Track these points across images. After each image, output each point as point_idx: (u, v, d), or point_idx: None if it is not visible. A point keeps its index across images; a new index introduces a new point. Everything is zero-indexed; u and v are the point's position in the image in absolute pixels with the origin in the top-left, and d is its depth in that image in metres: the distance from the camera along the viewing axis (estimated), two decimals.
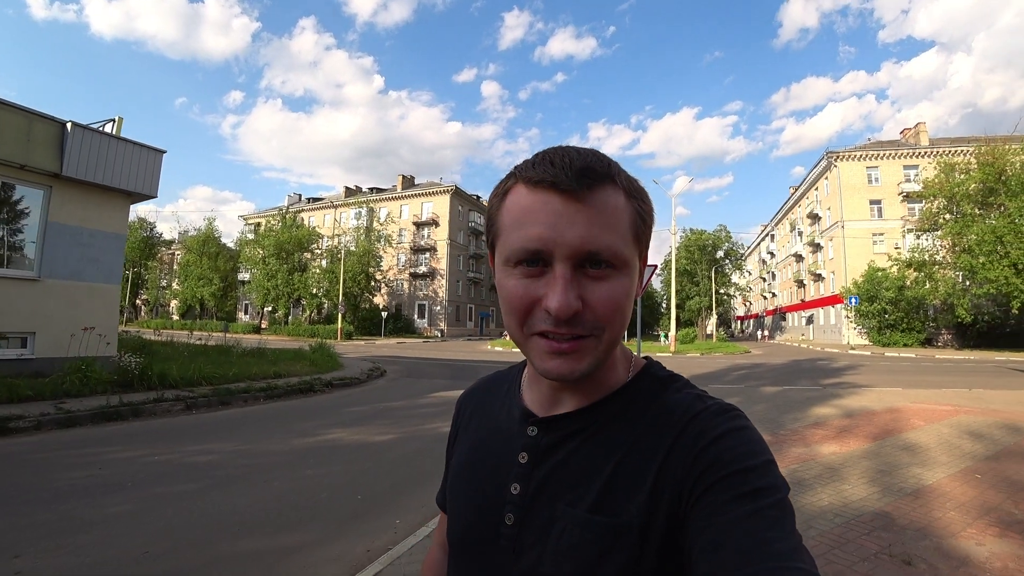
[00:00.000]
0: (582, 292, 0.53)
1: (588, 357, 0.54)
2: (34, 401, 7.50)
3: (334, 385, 11.27)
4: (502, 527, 0.61)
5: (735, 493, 0.49)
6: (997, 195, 27.67)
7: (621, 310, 0.55)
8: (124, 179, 10.52)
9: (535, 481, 0.61)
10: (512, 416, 0.68)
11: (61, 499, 4.04)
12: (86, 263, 10.12)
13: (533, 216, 0.54)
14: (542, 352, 0.55)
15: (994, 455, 5.27)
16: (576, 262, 0.53)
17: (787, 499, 0.50)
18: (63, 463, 5.11)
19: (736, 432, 0.54)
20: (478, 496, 0.66)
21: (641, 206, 0.58)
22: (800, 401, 9.30)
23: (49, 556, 3.11)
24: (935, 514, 3.75)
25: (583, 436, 0.61)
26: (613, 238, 0.54)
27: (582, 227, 0.52)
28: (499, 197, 0.59)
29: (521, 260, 0.55)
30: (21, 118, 9.20)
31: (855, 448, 5.72)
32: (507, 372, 0.77)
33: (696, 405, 0.58)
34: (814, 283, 49.20)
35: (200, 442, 6.17)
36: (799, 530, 0.48)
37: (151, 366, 9.31)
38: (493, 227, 0.59)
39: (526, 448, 0.63)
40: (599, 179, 0.54)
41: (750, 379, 13.70)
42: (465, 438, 0.75)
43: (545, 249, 0.53)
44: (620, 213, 0.55)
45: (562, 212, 0.53)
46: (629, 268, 0.56)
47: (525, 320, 0.55)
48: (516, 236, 0.55)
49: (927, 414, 7.64)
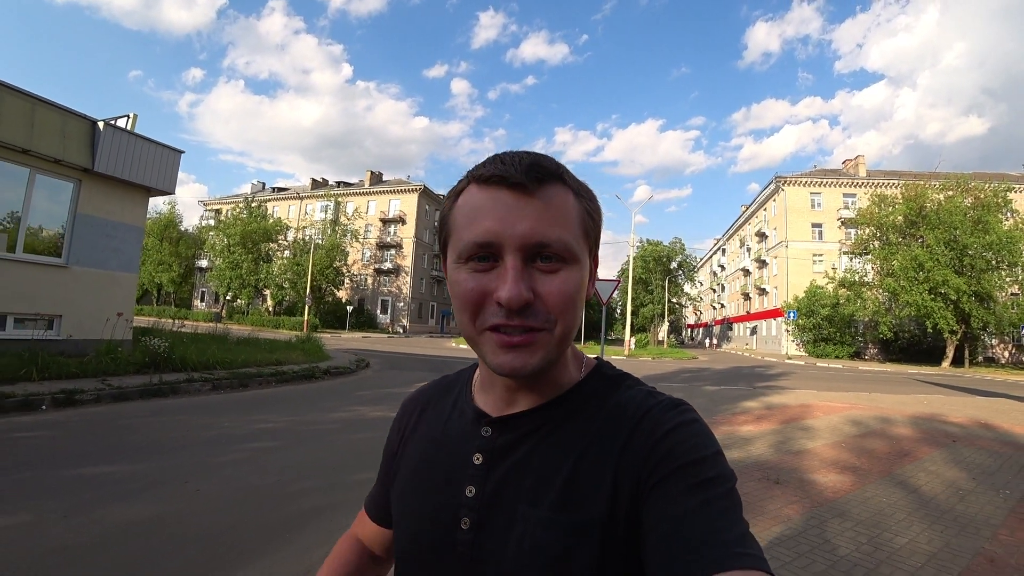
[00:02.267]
0: (533, 284, 0.54)
1: (540, 351, 0.55)
2: (79, 378, 8.45)
3: (331, 373, 12.47)
4: (457, 533, 0.59)
5: (687, 484, 0.50)
6: (918, 227, 31.08)
7: (572, 303, 0.56)
8: (146, 175, 11.45)
9: (491, 483, 0.60)
10: (464, 418, 0.67)
11: (188, 450, 5.23)
12: (109, 253, 11.02)
13: (484, 212, 0.55)
14: (494, 347, 0.55)
15: (861, 434, 7.14)
16: (526, 254, 0.54)
17: (735, 489, 0.51)
18: (158, 426, 6.28)
19: (686, 425, 0.55)
20: (429, 502, 0.64)
21: (590, 205, 0.60)
22: (733, 398, 11.20)
23: (211, 483, 4.32)
24: (804, 463, 5.48)
25: (539, 435, 0.61)
26: (562, 231, 0.55)
27: (532, 220, 0.54)
28: (452, 199, 0.60)
29: (472, 255, 0.55)
30: (57, 115, 10.06)
31: (766, 428, 7.50)
32: (455, 376, 0.77)
33: (648, 401, 0.60)
34: (759, 296, 52.77)
35: (252, 414, 7.37)
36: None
37: (174, 350, 10.36)
38: (445, 227, 0.60)
39: (480, 449, 0.62)
40: (548, 176, 0.55)
41: (695, 381, 15.63)
42: (412, 445, 0.72)
43: (495, 242, 0.54)
44: (569, 209, 0.57)
45: (512, 206, 0.54)
46: (579, 263, 0.57)
47: (477, 315, 0.55)
48: (467, 232, 0.55)
49: (828, 409, 9.60)
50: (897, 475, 5.10)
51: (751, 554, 0.46)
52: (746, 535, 0.48)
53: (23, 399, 6.68)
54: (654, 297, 53.50)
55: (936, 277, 28.68)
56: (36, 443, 5.26)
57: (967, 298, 28.42)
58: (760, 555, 0.46)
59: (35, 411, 6.64)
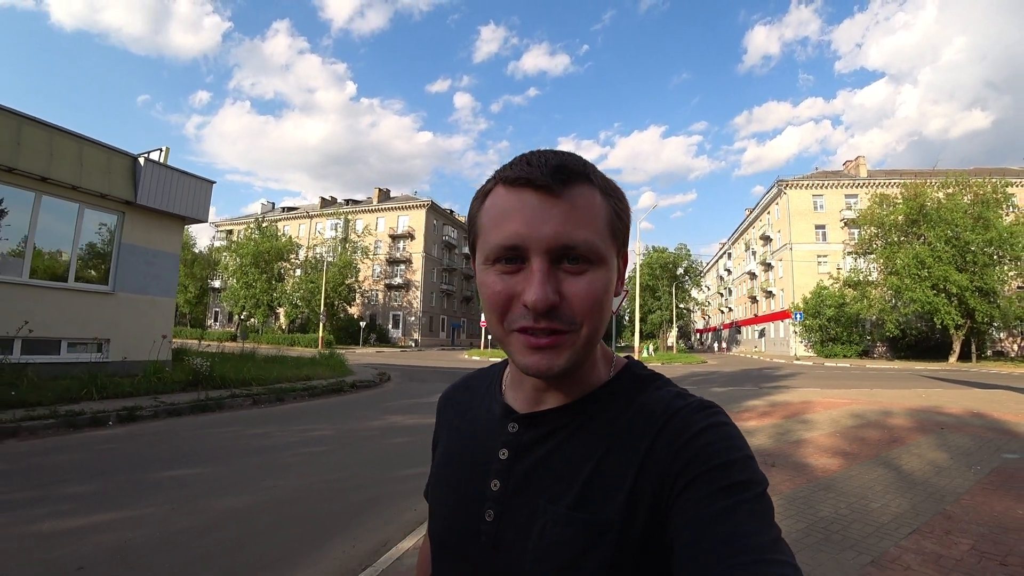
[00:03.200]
0: (560, 286, 0.54)
1: (566, 352, 0.55)
2: (133, 396, 9.18)
3: (357, 387, 13.16)
4: (482, 523, 0.62)
5: (716, 487, 0.50)
6: (919, 225, 31.58)
7: (599, 304, 0.56)
8: (181, 206, 12.29)
9: (515, 477, 0.62)
10: (493, 413, 0.69)
11: (251, 455, 5.92)
12: (150, 279, 11.82)
13: (510, 214, 0.55)
14: (522, 348, 0.56)
15: (858, 425, 7.73)
16: (552, 256, 0.54)
17: (766, 493, 0.51)
18: (217, 437, 6.99)
19: (716, 428, 0.55)
20: (458, 492, 0.66)
21: (617, 204, 0.60)
22: (739, 397, 11.79)
23: (282, 481, 4.99)
24: (801, 450, 6.09)
25: (564, 433, 0.61)
26: (589, 233, 0.55)
27: (557, 222, 0.54)
28: (480, 199, 0.60)
29: (499, 257, 0.56)
30: (102, 153, 10.91)
31: (767, 422, 8.11)
32: (488, 370, 0.78)
33: (677, 402, 0.59)
34: (766, 299, 53.16)
35: (295, 425, 8.06)
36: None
37: (214, 368, 11.10)
38: (473, 228, 0.61)
39: (507, 444, 0.64)
40: (574, 176, 0.56)
41: (703, 383, 16.19)
42: (446, 435, 0.76)
43: (522, 244, 0.54)
44: (596, 210, 0.57)
45: (538, 208, 0.54)
46: (607, 264, 0.57)
47: (505, 316, 0.56)
48: (494, 234, 0.56)
49: (829, 404, 10.17)
50: (883, 457, 5.71)
51: (783, 560, 0.45)
52: (779, 540, 0.47)
53: (92, 416, 7.41)
54: (662, 303, 54.01)
55: (938, 274, 29.13)
56: (117, 453, 5.97)
57: (970, 293, 28.83)
58: (792, 562, 0.45)
59: (103, 427, 7.35)
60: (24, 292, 9.65)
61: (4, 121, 9.35)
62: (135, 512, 3.99)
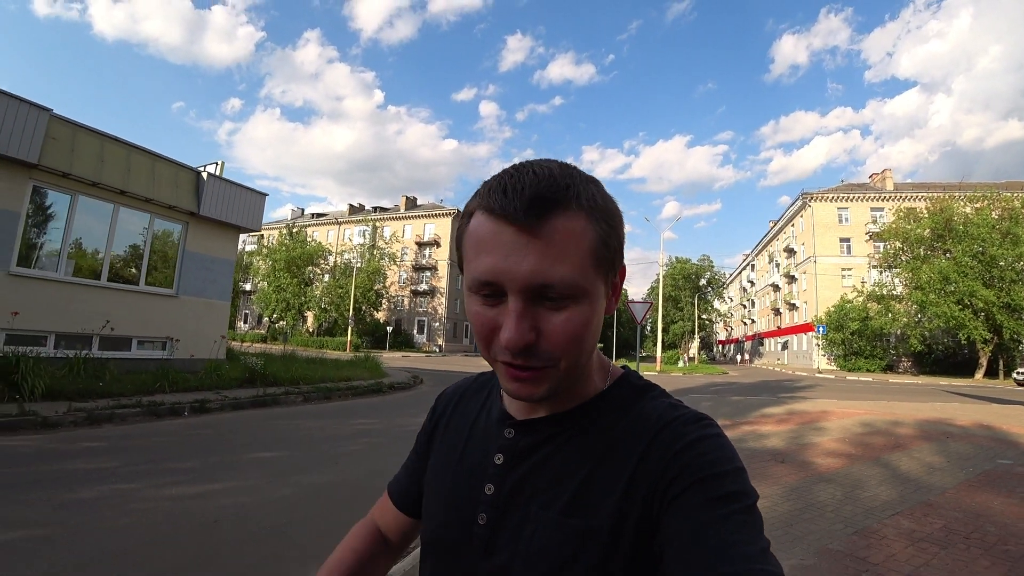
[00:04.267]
0: (538, 322, 0.54)
1: (545, 383, 0.56)
2: (197, 391, 10.13)
3: (394, 388, 14.02)
4: (475, 527, 0.62)
5: (707, 497, 0.50)
6: (945, 240, 31.52)
7: (578, 340, 0.55)
8: (238, 216, 13.34)
9: (509, 482, 0.62)
10: (491, 417, 0.70)
11: (317, 444, 6.76)
12: (208, 284, 12.86)
13: (487, 247, 0.54)
14: (505, 376, 0.57)
15: (866, 432, 8.29)
16: (529, 296, 0.53)
17: (756, 506, 0.51)
18: (281, 427, 7.87)
19: (708, 439, 0.56)
20: (453, 495, 0.67)
21: (606, 227, 0.56)
22: (757, 405, 12.35)
23: (350, 463, 5.79)
24: (809, 452, 6.70)
25: (559, 440, 0.62)
26: (567, 269, 0.52)
27: (534, 260, 0.52)
28: (465, 218, 0.59)
29: (479, 291, 0.56)
30: (171, 168, 12.00)
31: (783, 428, 8.70)
32: (489, 376, 0.78)
33: (670, 413, 0.60)
34: (789, 312, 52.94)
35: (348, 420, 8.91)
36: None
37: (266, 367, 12.06)
38: (460, 248, 0.60)
39: (502, 449, 0.65)
40: (553, 206, 0.52)
41: (723, 393, 16.72)
42: (444, 437, 0.76)
43: (497, 281, 0.53)
44: (578, 240, 0.53)
45: (513, 244, 0.52)
46: (589, 297, 0.55)
47: (488, 346, 0.57)
48: (474, 265, 0.55)
49: (843, 414, 10.69)
50: (884, 459, 6.30)
51: (771, 571, 0.45)
52: (767, 552, 0.47)
53: (170, 407, 8.34)
54: (684, 314, 54.19)
55: (963, 289, 29.08)
56: (202, 438, 6.85)
57: (998, 309, 28.68)
58: (780, 573, 0.46)
59: (180, 416, 8.27)
60: (102, 294, 10.72)
61: (89, 140, 10.47)
62: (238, 483, 4.82)
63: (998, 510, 4.34)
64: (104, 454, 5.63)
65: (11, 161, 9.23)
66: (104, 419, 7.33)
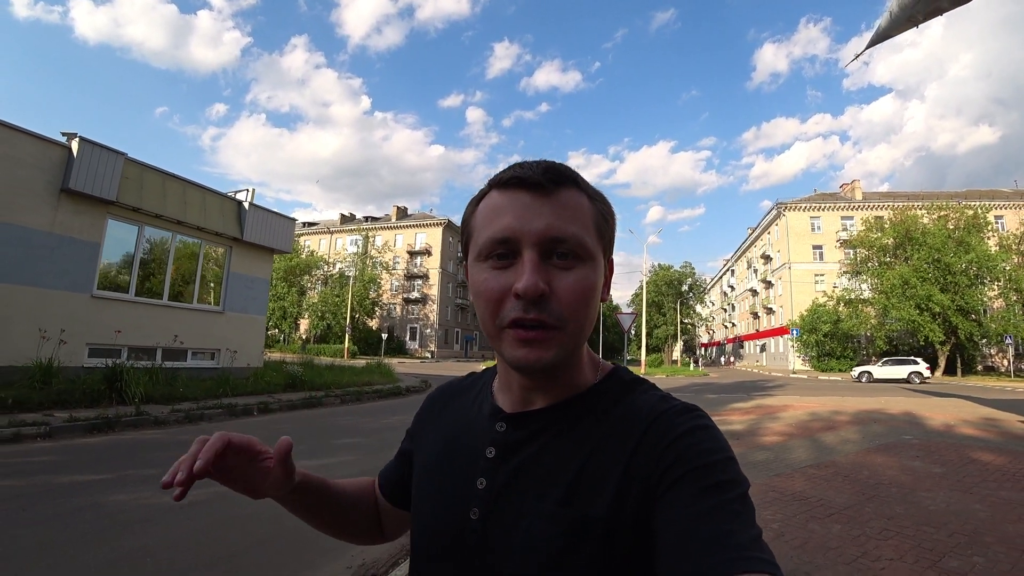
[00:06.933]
0: (549, 279, 0.57)
1: (554, 347, 0.58)
2: (253, 395, 11.83)
3: (410, 391, 15.80)
4: (467, 522, 0.63)
5: (700, 487, 0.51)
6: (905, 248, 34.21)
7: (584, 302, 0.58)
8: (273, 240, 15.06)
9: (502, 476, 0.63)
10: (482, 413, 0.71)
11: (375, 434, 8.58)
12: (248, 301, 14.56)
13: (503, 211, 0.59)
14: (512, 341, 0.58)
15: (810, 419, 10.32)
16: (543, 250, 0.58)
17: (748, 494, 0.53)
18: (339, 422, 9.66)
19: (700, 430, 0.57)
20: (445, 490, 0.67)
21: (603, 208, 0.64)
22: (729, 401, 14.41)
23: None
24: (760, 432, 8.65)
25: (551, 433, 0.63)
26: (578, 229, 0.59)
27: (548, 216, 0.58)
28: (473, 204, 0.65)
29: (491, 252, 0.59)
30: (217, 199, 13.68)
31: (746, 417, 10.70)
32: (480, 374, 0.80)
33: (661, 405, 0.62)
34: (767, 315, 55.61)
35: (392, 416, 10.67)
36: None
37: (304, 374, 13.78)
38: (467, 229, 0.65)
39: (494, 443, 0.66)
40: (563, 179, 0.60)
41: (702, 392, 18.76)
42: (433, 433, 0.76)
43: (513, 237, 0.58)
44: (584, 210, 0.61)
45: (529, 205, 0.58)
46: (595, 261, 0.60)
47: (497, 312, 0.58)
48: (487, 230, 0.60)
49: (800, 407, 12.75)
50: (814, 437, 8.29)
51: (763, 558, 0.46)
52: (759, 540, 0.48)
53: (243, 407, 10.06)
54: (667, 319, 56.55)
55: (922, 293, 31.67)
56: (287, 430, 8.61)
57: (952, 312, 31.30)
58: (772, 560, 0.47)
59: (251, 415, 10.00)
60: (165, 312, 12.39)
61: (154, 178, 12.16)
62: (340, 459, 6.60)
63: (877, 463, 6.33)
64: None
65: (93, 199, 10.90)
66: (197, 418, 9.04)
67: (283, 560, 3.50)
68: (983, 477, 5.72)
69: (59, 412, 7.88)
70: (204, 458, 0.59)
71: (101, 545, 3.45)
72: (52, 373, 9.14)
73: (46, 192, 10.10)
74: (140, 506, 4.25)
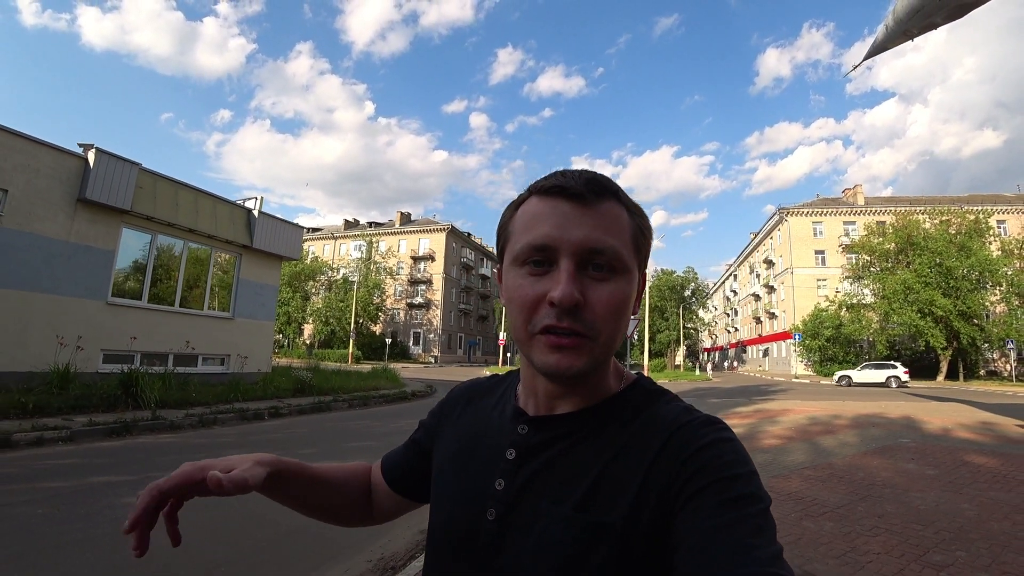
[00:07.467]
0: (584, 290, 0.58)
1: (586, 356, 0.58)
2: (263, 399, 12.05)
3: (416, 395, 16.01)
4: (483, 522, 0.63)
5: (721, 499, 0.51)
6: (907, 253, 34.37)
7: (618, 313, 0.59)
8: (282, 247, 15.33)
9: (520, 478, 0.63)
10: (504, 414, 0.71)
11: (384, 437, 8.78)
12: (257, 307, 14.82)
13: (542, 218, 0.60)
14: (544, 348, 0.58)
15: (809, 423, 10.49)
16: (580, 260, 0.58)
17: (769, 510, 0.52)
18: (350, 425, 9.88)
19: (722, 443, 0.57)
20: (463, 489, 0.68)
21: (641, 222, 0.65)
22: (731, 405, 14.59)
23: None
24: (759, 435, 8.83)
25: (573, 438, 0.63)
26: (616, 241, 0.59)
27: (588, 228, 0.58)
28: (512, 208, 0.65)
29: (528, 259, 0.60)
30: (228, 207, 13.96)
31: (746, 421, 10.88)
32: (504, 376, 0.81)
33: (684, 416, 0.62)
34: (769, 320, 55.74)
35: (400, 420, 10.89)
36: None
37: (313, 379, 14.02)
38: (504, 234, 0.65)
39: (514, 445, 0.66)
40: (605, 191, 0.61)
41: (704, 396, 18.94)
42: (453, 431, 0.77)
43: (552, 245, 0.58)
44: (623, 223, 0.61)
45: (570, 214, 0.59)
46: (630, 275, 0.61)
47: (531, 318, 0.59)
48: (525, 236, 0.60)
49: (799, 411, 12.92)
50: (813, 440, 8.49)
51: (783, 575, 0.46)
52: (779, 556, 0.47)
53: (254, 412, 10.29)
54: (669, 324, 56.62)
55: (924, 298, 31.80)
56: (300, 434, 8.84)
57: (954, 317, 31.41)
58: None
59: (263, 420, 10.23)
60: (177, 318, 12.66)
61: (166, 187, 12.45)
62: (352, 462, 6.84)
63: (872, 465, 6.53)
64: (240, 447, 7.59)
65: (109, 208, 11.18)
66: (211, 422, 9.28)
67: (307, 553, 3.73)
68: (974, 478, 5.91)
69: (78, 416, 8.13)
70: (146, 523, 0.64)
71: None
72: (69, 379, 9.40)
73: (63, 201, 10.39)
74: None
